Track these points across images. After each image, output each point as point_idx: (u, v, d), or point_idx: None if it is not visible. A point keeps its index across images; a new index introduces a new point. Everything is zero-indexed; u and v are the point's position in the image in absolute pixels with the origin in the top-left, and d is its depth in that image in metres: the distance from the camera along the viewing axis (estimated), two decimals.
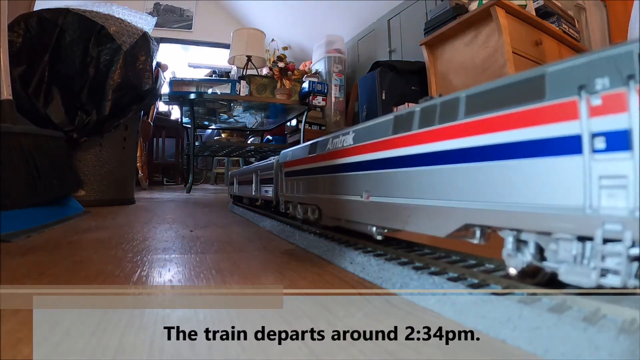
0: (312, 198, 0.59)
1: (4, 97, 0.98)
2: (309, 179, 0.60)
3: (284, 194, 0.73)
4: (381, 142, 0.41)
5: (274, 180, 0.80)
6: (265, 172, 0.90)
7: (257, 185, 0.99)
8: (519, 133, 0.26)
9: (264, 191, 0.90)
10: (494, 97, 0.28)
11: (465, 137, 0.30)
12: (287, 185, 0.71)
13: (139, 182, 2.78)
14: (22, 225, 0.73)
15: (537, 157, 0.25)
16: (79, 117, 1.27)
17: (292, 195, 0.68)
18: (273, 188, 0.81)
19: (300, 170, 0.64)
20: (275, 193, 0.80)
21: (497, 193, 0.28)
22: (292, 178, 0.68)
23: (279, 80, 2.57)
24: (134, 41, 1.37)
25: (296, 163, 0.66)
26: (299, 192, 0.64)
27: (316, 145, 0.58)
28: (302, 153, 0.64)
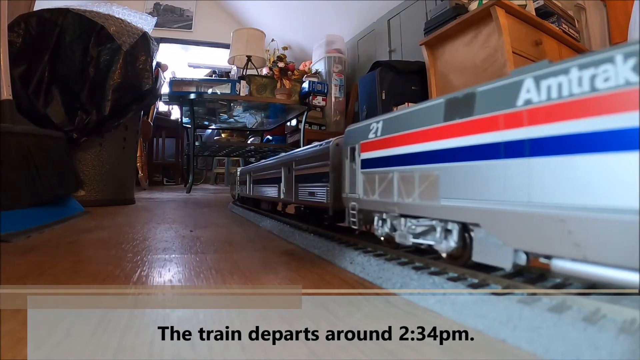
0: (457, 210, 0.32)
1: (4, 97, 0.98)
2: (452, 171, 0.32)
3: (359, 198, 0.47)
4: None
5: (330, 175, 0.54)
6: (307, 165, 0.62)
7: (287, 184, 0.72)
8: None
9: (306, 193, 0.63)
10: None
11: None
12: (365, 182, 0.45)
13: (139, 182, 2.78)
14: (22, 225, 0.73)
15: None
16: (79, 117, 1.27)
17: (380, 202, 0.42)
18: (328, 188, 0.55)
19: (413, 156, 0.37)
20: (332, 196, 0.54)
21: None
22: (380, 171, 0.42)
23: (279, 80, 2.56)
24: (134, 41, 1.37)
25: (400, 141, 0.39)
26: (408, 194, 0.38)
27: (468, 100, 0.31)
28: (420, 119, 0.37)
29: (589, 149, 0.22)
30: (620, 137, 0.21)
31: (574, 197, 0.23)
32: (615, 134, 0.21)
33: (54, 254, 0.55)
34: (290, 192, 0.70)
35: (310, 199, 0.61)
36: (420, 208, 0.36)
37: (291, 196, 0.69)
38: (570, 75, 0.24)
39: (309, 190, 0.62)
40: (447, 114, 0.33)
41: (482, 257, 0.31)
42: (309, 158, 0.63)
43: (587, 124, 0.22)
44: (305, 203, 0.64)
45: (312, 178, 0.61)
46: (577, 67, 0.24)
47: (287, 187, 0.72)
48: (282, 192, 0.74)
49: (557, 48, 1.92)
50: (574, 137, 0.23)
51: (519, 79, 0.27)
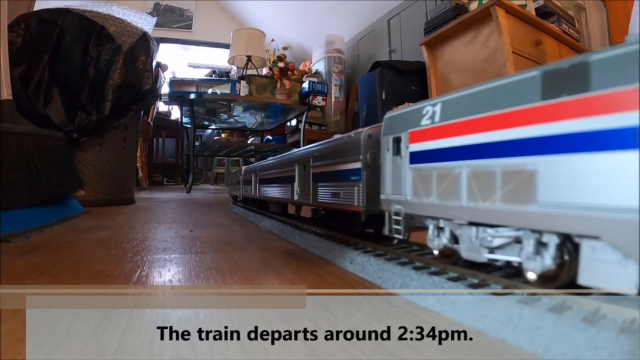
0: (563, 218, 0.25)
1: (4, 97, 0.98)
2: (557, 166, 0.25)
3: (406, 201, 0.37)
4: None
5: (361, 173, 0.45)
6: (330, 161, 0.53)
7: (303, 184, 0.63)
8: None
9: (328, 194, 0.53)
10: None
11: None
12: (416, 181, 0.36)
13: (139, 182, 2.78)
14: (22, 225, 0.73)
15: None
16: (79, 117, 1.27)
17: (439, 205, 0.33)
18: (358, 188, 0.45)
19: (493, 146, 0.29)
20: (365, 198, 0.45)
21: None
22: (441, 167, 0.33)
23: (279, 80, 2.56)
24: (134, 41, 1.37)
25: (472, 127, 0.30)
26: (484, 196, 0.29)
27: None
28: (500, 98, 0.28)
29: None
30: None
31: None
32: None
33: (54, 254, 0.55)
34: (306, 193, 0.61)
35: (333, 200, 0.52)
36: (502, 214, 0.28)
37: (308, 197, 0.60)
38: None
39: (331, 190, 0.53)
40: (547, 90, 0.26)
41: (595, 278, 0.24)
42: (332, 153, 0.53)
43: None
44: (327, 205, 0.55)
45: (336, 176, 0.52)
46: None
47: (303, 187, 0.63)
48: (296, 193, 0.66)
49: (557, 48, 1.92)
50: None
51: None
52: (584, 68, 0.24)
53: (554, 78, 0.26)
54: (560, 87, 0.25)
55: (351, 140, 0.48)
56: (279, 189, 0.77)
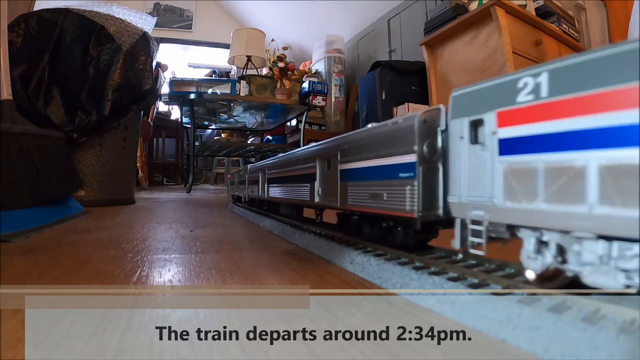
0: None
1: (4, 97, 0.98)
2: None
3: (492, 205, 0.29)
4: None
5: (416, 168, 0.35)
6: (366, 155, 0.44)
7: (328, 183, 0.54)
8: None
9: (365, 196, 0.44)
10: None
11: None
12: (510, 178, 0.28)
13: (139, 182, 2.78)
14: (22, 225, 0.73)
15: None
16: (79, 117, 1.27)
17: (550, 212, 0.25)
18: (412, 188, 0.36)
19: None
20: (422, 201, 0.36)
21: None
22: (553, 160, 0.25)
23: (279, 80, 2.56)
24: (134, 41, 1.37)
25: (609, 102, 0.22)
26: (625, 201, 0.21)
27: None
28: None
29: None
30: None
31: None
32: None
33: (54, 254, 0.55)
34: (331, 194, 0.52)
35: (372, 204, 0.42)
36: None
37: (333, 199, 0.51)
38: None
39: (369, 191, 0.43)
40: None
41: None
42: (370, 145, 0.44)
43: None
44: (363, 209, 0.45)
45: (375, 173, 0.42)
46: None
47: (327, 186, 0.54)
48: (318, 194, 0.56)
49: (557, 48, 1.92)
50: None
51: None
52: None
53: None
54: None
55: (399, 128, 0.39)
56: (294, 190, 0.67)
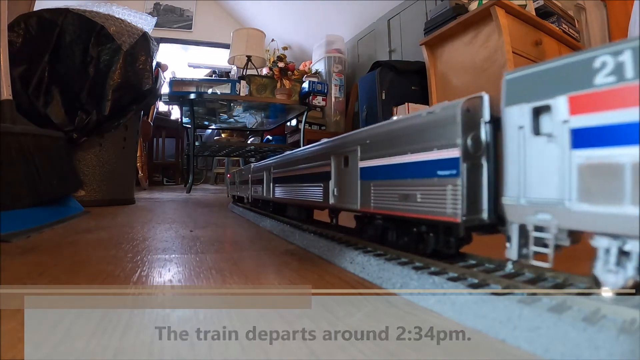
0: None
1: (4, 97, 0.98)
2: None
3: (563, 207, 0.25)
4: None
5: (459, 166, 0.31)
6: (393, 150, 0.39)
7: (345, 182, 0.49)
8: None
9: (393, 197, 0.39)
10: None
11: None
12: (587, 176, 0.24)
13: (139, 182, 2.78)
14: (22, 225, 0.73)
15: None
16: (79, 117, 1.27)
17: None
18: (454, 188, 0.32)
19: None
20: (466, 203, 0.31)
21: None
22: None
23: (279, 80, 2.56)
24: (134, 41, 1.37)
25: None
26: None
27: None
28: None
29: None
30: None
31: None
32: None
33: (54, 254, 0.55)
34: (349, 195, 0.47)
35: (402, 206, 0.37)
36: None
37: (352, 200, 0.46)
38: None
39: (397, 191, 0.38)
40: None
41: None
42: (399, 139, 0.38)
43: None
44: (390, 213, 0.40)
45: (406, 171, 0.37)
46: None
47: (345, 186, 0.49)
48: (333, 195, 0.51)
49: (557, 48, 1.92)
50: None
51: None
52: None
53: None
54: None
55: (437, 119, 0.34)
56: (304, 190, 0.62)
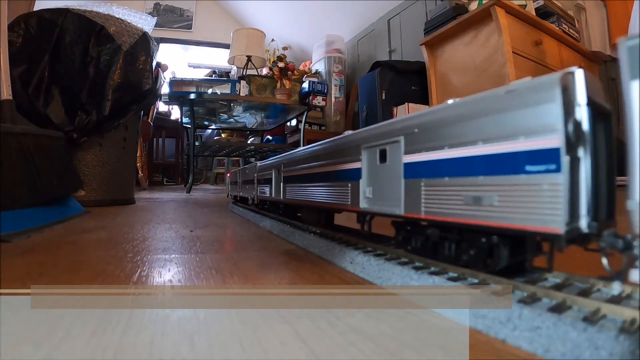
0: None
1: (4, 97, 0.98)
2: None
3: None
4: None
5: (560, 159, 0.23)
6: (455, 141, 0.31)
7: (380, 181, 0.41)
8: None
9: (454, 201, 0.31)
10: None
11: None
12: None
13: (139, 182, 2.78)
14: (22, 225, 0.73)
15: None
16: (79, 117, 1.27)
17: None
18: (556, 190, 0.23)
19: None
20: (568, 208, 0.23)
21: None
22: None
23: (279, 80, 2.57)
24: (134, 41, 1.37)
25: None
26: None
27: None
28: None
29: None
30: None
31: None
32: None
33: (54, 254, 0.55)
34: (389, 197, 0.39)
35: (469, 212, 0.30)
36: None
37: (395, 203, 0.38)
38: None
39: (463, 192, 0.30)
40: None
41: None
42: (464, 124, 0.30)
43: None
44: (452, 220, 0.32)
45: (473, 166, 0.29)
46: None
47: (382, 186, 0.41)
48: (365, 197, 0.43)
49: (557, 48, 1.92)
50: None
51: None
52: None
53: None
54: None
55: (524, 98, 0.26)
56: (324, 191, 0.54)
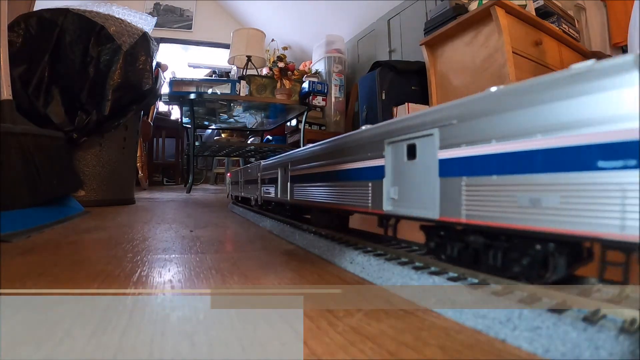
0: None
1: (4, 97, 0.98)
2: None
3: None
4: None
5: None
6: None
7: (402, 179, 0.37)
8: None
9: (511, 202, 0.26)
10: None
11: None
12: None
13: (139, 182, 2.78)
14: (22, 225, 0.73)
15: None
16: (79, 117, 1.27)
17: None
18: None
19: None
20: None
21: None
22: None
23: (279, 80, 2.57)
24: (134, 41, 1.37)
25: None
26: None
27: None
28: None
29: None
30: None
31: None
32: None
33: (54, 254, 0.55)
34: (420, 198, 0.34)
35: (526, 215, 0.25)
36: None
37: (428, 206, 0.33)
38: None
39: (518, 193, 0.25)
40: None
41: None
42: (516, 113, 0.25)
43: None
44: (503, 226, 0.26)
45: (531, 162, 0.24)
46: None
47: (410, 186, 0.35)
48: (389, 198, 0.37)
49: (557, 48, 1.92)
50: None
51: None
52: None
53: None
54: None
55: (592, 82, 0.21)
56: (339, 191, 0.49)
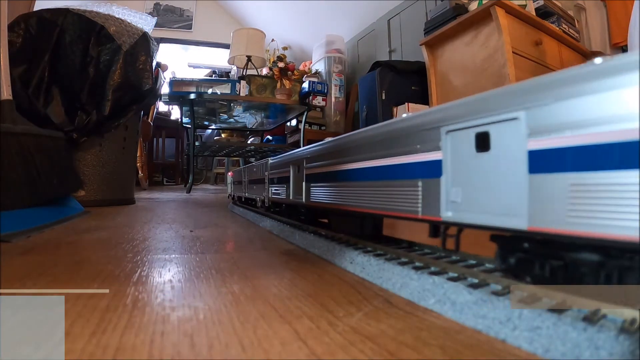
0: None
1: (4, 97, 0.98)
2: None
3: None
4: None
5: None
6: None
7: (466, 178, 0.29)
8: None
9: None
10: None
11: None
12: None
13: (139, 182, 2.78)
14: (22, 225, 0.73)
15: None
16: (79, 117, 1.27)
17: None
18: None
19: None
20: None
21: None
22: None
23: (279, 80, 2.57)
24: (134, 41, 1.37)
25: None
26: None
27: None
28: None
29: None
30: None
31: None
32: None
33: (54, 254, 0.55)
34: (499, 202, 0.27)
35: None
36: None
37: (511, 211, 0.26)
38: None
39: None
40: None
41: None
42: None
43: None
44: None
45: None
46: None
47: (481, 186, 0.28)
48: (448, 202, 0.31)
49: (557, 48, 1.92)
50: None
51: None
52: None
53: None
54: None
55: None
56: (374, 193, 0.41)
